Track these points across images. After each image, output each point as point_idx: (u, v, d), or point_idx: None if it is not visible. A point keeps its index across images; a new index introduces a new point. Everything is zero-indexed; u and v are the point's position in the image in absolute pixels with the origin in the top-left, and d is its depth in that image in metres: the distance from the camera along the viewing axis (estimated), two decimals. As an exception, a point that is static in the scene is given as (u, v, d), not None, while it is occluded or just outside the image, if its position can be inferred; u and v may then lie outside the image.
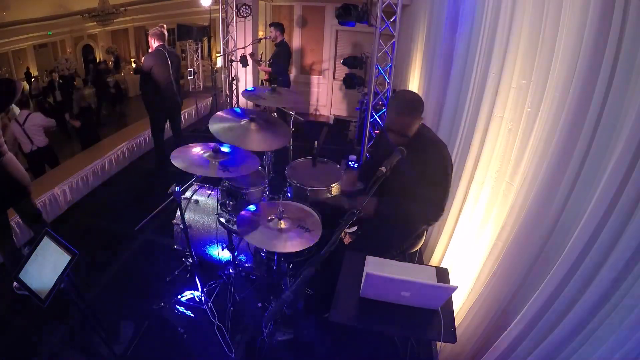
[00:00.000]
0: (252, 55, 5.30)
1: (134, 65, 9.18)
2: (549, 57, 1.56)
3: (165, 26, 3.96)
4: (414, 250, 2.18)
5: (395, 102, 1.91)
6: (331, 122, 6.97)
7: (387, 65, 4.14)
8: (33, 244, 1.72)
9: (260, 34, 6.74)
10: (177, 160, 2.06)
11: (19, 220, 3.12)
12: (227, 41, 6.26)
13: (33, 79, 10.30)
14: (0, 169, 2.27)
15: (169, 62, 3.87)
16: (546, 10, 1.59)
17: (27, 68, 10.37)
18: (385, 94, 4.32)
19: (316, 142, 2.99)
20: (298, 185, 2.61)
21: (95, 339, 2.11)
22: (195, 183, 2.73)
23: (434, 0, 3.63)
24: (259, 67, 5.40)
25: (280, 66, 5.02)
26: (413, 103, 1.84)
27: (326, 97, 7.28)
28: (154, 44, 3.88)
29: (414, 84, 4.49)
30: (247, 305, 2.49)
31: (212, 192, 2.71)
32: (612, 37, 1.20)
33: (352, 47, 6.71)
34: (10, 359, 2.23)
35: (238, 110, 2.51)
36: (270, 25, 5.15)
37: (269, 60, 5.27)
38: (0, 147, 2.30)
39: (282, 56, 4.99)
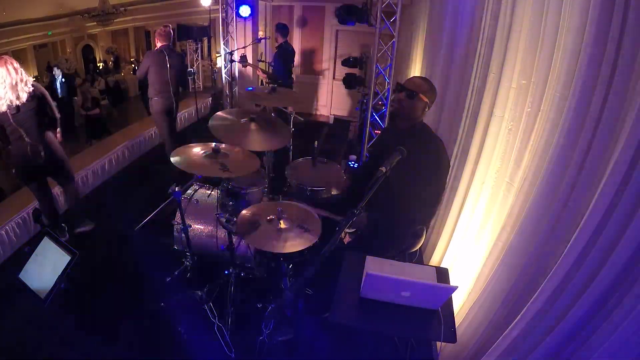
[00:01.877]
0: (244, 60, 5.25)
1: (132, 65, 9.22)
2: (549, 57, 1.56)
3: (170, 26, 3.93)
4: (414, 250, 2.18)
5: (427, 78, 2.00)
6: (331, 122, 6.97)
7: (387, 65, 4.14)
8: (33, 244, 1.72)
9: (260, 34, 6.73)
10: (177, 160, 2.05)
11: (25, 215, 3.13)
12: (227, 41, 6.26)
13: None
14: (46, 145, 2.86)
15: (168, 64, 3.83)
16: (546, 9, 1.59)
17: (48, 62, 10.49)
18: (385, 94, 4.32)
19: (316, 142, 2.99)
20: (298, 185, 2.61)
21: (95, 339, 2.11)
22: (195, 183, 2.74)
23: (433, 0, 3.63)
24: (257, 71, 5.39)
25: (280, 68, 5.01)
26: (433, 87, 1.93)
27: (326, 97, 7.28)
28: (157, 44, 3.87)
29: (414, 84, 4.48)
30: (247, 305, 2.49)
31: (212, 192, 2.71)
32: (612, 36, 1.20)
33: (352, 47, 6.71)
34: (10, 359, 2.23)
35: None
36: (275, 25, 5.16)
37: (271, 63, 5.25)
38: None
39: (280, 58, 4.99)
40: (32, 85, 2.76)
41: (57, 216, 3.20)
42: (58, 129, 3.06)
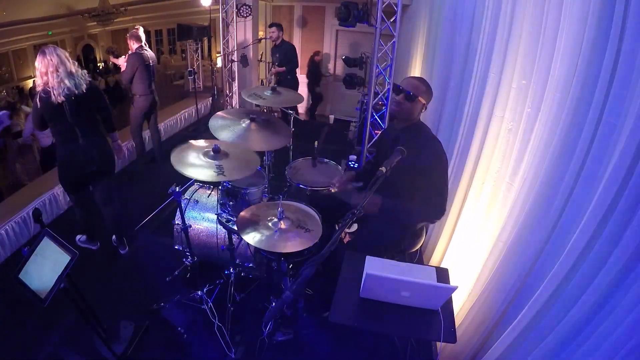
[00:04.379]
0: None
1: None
2: (550, 57, 1.56)
3: (141, 28, 4.12)
4: (414, 250, 2.18)
5: (424, 78, 2.01)
6: (331, 122, 6.97)
7: (387, 65, 4.13)
8: (33, 244, 1.72)
9: (261, 34, 6.73)
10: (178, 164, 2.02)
11: (19, 220, 3.13)
12: (227, 41, 6.26)
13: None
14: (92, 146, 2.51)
15: (150, 62, 4.08)
16: (546, 10, 1.59)
17: (78, 57, 10.52)
18: (385, 94, 4.32)
19: (316, 142, 2.99)
20: (298, 185, 2.61)
21: (95, 339, 2.11)
22: (195, 183, 2.74)
23: (434, 0, 3.63)
24: (273, 70, 5.24)
25: (294, 66, 5.10)
26: (429, 87, 1.93)
27: (326, 97, 7.28)
28: (133, 45, 4.00)
29: (414, 84, 4.48)
30: (247, 305, 2.49)
31: (212, 192, 2.71)
32: (612, 37, 1.20)
33: (352, 47, 6.71)
34: (10, 359, 2.23)
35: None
36: (272, 25, 5.16)
37: (275, 62, 5.19)
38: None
39: (294, 56, 5.09)
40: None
41: (97, 233, 2.91)
42: (116, 133, 2.78)
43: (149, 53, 4.10)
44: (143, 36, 4.04)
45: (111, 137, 2.77)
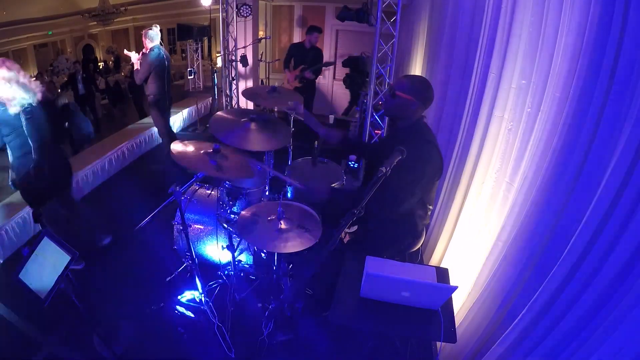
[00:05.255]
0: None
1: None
2: (549, 57, 1.56)
3: (158, 26, 4.04)
4: (414, 250, 2.18)
5: (419, 76, 1.99)
6: (331, 122, 6.97)
7: (387, 65, 4.13)
8: (33, 244, 1.72)
9: (261, 33, 6.73)
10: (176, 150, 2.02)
11: (19, 220, 3.13)
12: (227, 41, 6.25)
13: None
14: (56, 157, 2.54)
15: (166, 62, 4.03)
16: (546, 9, 1.59)
17: (83, 59, 10.54)
18: (386, 94, 4.32)
19: (316, 142, 2.99)
20: (298, 185, 2.61)
21: (95, 339, 2.11)
22: (195, 183, 2.74)
23: (434, 0, 3.63)
24: (306, 75, 5.06)
25: (320, 72, 5.21)
26: (430, 88, 1.89)
27: (326, 97, 7.28)
28: (149, 44, 3.93)
29: (414, 84, 4.48)
30: (247, 305, 2.49)
31: (212, 192, 2.71)
32: (612, 36, 1.20)
33: (352, 47, 6.71)
34: (10, 359, 2.23)
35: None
36: (320, 31, 5.10)
37: (305, 64, 5.06)
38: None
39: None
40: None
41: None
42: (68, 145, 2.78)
43: (165, 53, 4.03)
44: (159, 35, 3.96)
45: None
